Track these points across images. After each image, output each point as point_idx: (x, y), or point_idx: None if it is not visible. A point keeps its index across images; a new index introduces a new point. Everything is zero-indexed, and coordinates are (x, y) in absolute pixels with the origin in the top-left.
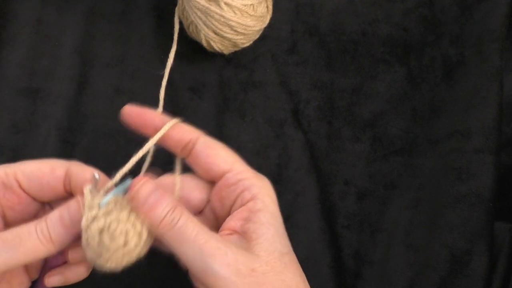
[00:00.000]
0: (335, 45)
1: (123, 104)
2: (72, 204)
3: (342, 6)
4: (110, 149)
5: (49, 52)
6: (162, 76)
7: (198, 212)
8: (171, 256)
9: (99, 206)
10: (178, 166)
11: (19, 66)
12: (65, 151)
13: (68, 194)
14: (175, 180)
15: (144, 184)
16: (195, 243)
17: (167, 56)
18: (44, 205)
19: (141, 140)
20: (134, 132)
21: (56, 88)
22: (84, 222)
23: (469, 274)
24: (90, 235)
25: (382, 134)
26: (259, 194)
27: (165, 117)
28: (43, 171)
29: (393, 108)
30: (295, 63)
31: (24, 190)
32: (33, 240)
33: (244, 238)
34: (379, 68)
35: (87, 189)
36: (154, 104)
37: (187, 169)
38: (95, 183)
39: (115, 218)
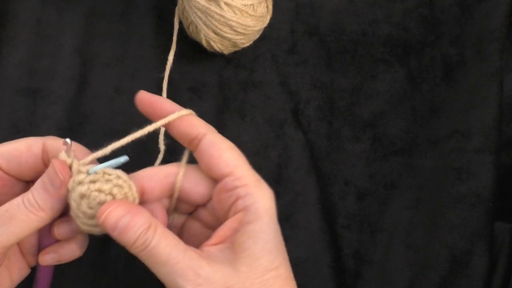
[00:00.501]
0: (335, 45)
1: (123, 104)
2: (49, 169)
3: (342, 6)
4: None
5: (49, 52)
6: (162, 76)
7: (201, 206)
8: None
9: (88, 172)
10: (185, 158)
11: (19, 66)
12: None
13: None
14: (179, 170)
15: (113, 210)
16: (167, 264)
17: (167, 56)
18: (29, 184)
19: (141, 140)
20: (133, 132)
21: (56, 88)
22: (70, 184)
23: (469, 274)
24: (73, 197)
25: (382, 134)
26: (252, 205)
27: (177, 107)
28: (20, 151)
29: (393, 108)
30: (295, 63)
31: (5, 172)
32: (23, 211)
33: (231, 249)
34: (379, 68)
35: (61, 154)
36: None
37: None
38: (68, 148)
39: (98, 188)
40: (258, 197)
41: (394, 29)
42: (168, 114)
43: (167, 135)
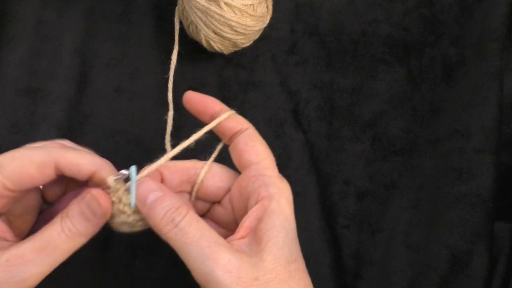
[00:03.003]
0: (335, 45)
1: (123, 104)
2: (89, 199)
3: (342, 6)
4: (110, 149)
5: (49, 52)
6: (162, 76)
7: (217, 202)
8: (170, 257)
9: (130, 205)
10: (216, 152)
11: (19, 66)
12: None
13: (60, 177)
14: (202, 165)
15: (146, 181)
16: (199, 246)
17: (167, 56)
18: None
19: (141, 140)
20: (134, 132)
21: (56, 88)
22: (114, 211)
23: (469, 274)
24: (115, 220)
25: (382, 134)
26: (276, 194)
27: (223, 105)
28: (32, 175)
29: (393, 108)
30: (295, 63)
31: (15, 191)
32: (65, 240)
33: (255, 239)
34: (379, 68)
35: (111, 180)
36: (154, 103)
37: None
38: (120, 178)
39: (141, 218)
40: (280, 188)
41: (394, 29)
42: (215, 112)
43: (172, 136)
